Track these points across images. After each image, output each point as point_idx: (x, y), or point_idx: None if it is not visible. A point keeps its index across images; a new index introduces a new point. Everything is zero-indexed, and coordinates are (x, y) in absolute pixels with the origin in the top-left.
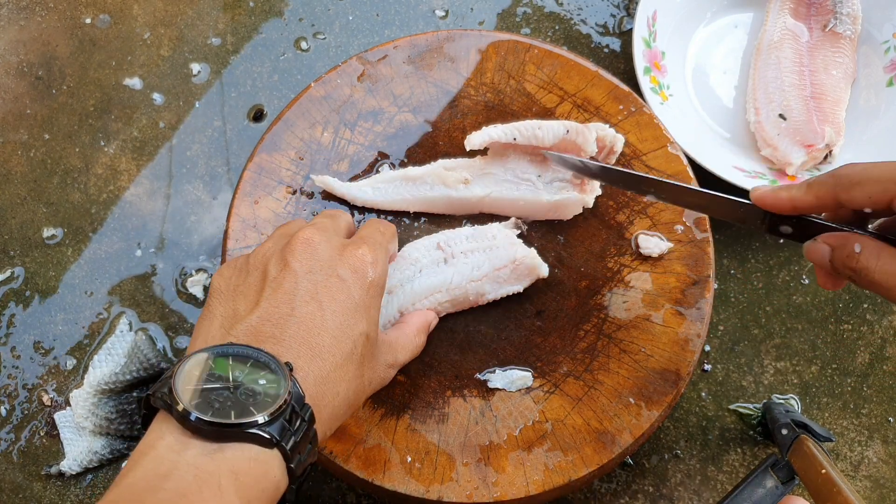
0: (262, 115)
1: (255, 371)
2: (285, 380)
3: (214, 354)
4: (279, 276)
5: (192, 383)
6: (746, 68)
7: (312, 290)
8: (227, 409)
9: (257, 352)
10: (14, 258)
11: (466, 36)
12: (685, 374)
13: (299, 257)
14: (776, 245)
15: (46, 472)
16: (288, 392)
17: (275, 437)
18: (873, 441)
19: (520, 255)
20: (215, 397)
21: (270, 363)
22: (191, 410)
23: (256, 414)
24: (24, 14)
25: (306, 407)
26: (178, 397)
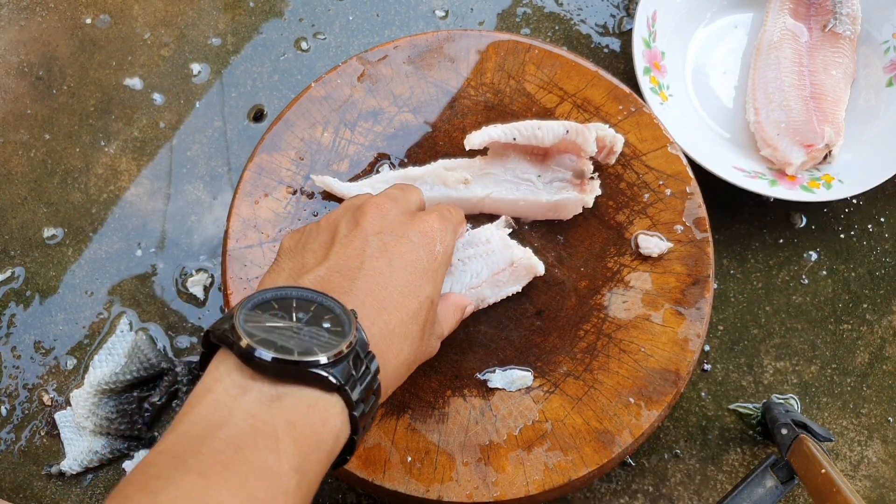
0: (262, 115)
1: (319, 315)
2: (350, 324)
3: (279, 296)
4: (350, 234)
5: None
6: (746, 68)
7: (382, 247)
8: (290, 347)
9: (323, 296)
10: (14, 258)
11: (466, 36)
12: (685, 374)
13: (370, 219)
14: (776, 245)
15: (47, 472)
16: (353, 336)
17: (339, 380)
18: (873, 441)
19: (517, 256)
20: (278, 335)
21: (335, 308)
22: (254, 346)
23: (320, 354)
24: (25, 14)
25: (371, 354)
26: (241, 333)
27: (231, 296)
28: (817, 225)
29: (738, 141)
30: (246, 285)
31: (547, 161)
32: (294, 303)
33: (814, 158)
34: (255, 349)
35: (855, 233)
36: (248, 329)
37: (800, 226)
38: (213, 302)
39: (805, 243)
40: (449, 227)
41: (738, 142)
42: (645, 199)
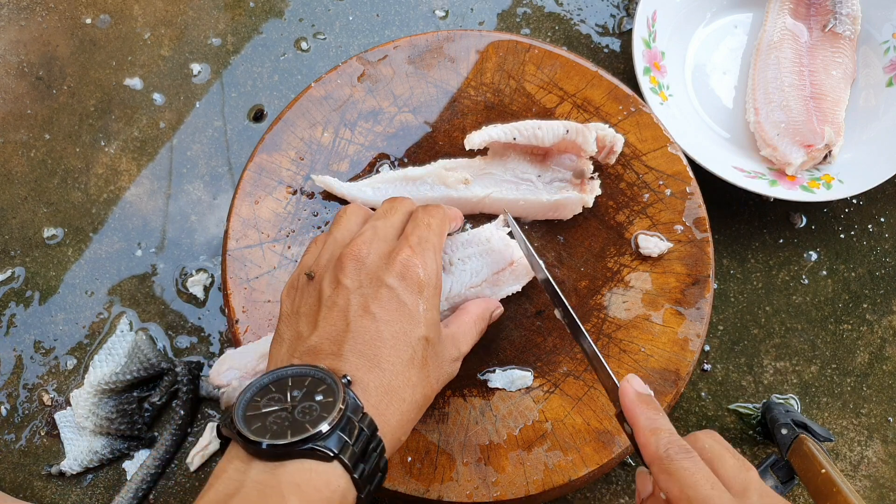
0: (262, 115)
1: (313, 388)
2: (339, 392)
3: (273, 378)
4: (333, 295)
5: (253, 409)
6: (746, 68)
7: (364, 303)
8: (284, 429)
9: (314, 369)
10: (15, 258)
11: (466, 36)
12: (685, 374)
13: (349, 273)
14: (776, 245)
15: (47, 472)
16: (342, 404)
17: (331, 451)
18: (873, 441)
19: (517, 255)
20: (273, 420)
21: (326, 378)
22: (249, 436)
23: (311, 429)
24: (25, 14)
25: (365, 416)
26: (238, 425)
27: (231, 295)
28: (817, 225)
29: (738, 141)
30: (246, 285)
31: (547, 161)
32: (290, 381)
33: (814, 158)
34: (249, 438)
35: (855, 233)
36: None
37: (800, 226)
38: (213, 302)
39: (805, 243)
40: (427, 249)
41: (738, 142)
42: (645, 199)
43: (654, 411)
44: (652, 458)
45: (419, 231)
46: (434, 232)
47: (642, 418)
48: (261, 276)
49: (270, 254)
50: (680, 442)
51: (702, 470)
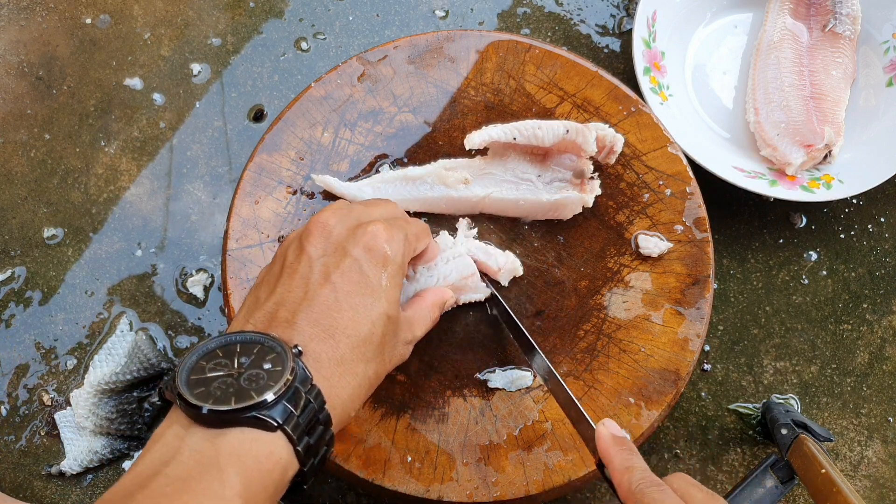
0: (262, 115)
1: (262, 356)
2: (288, 361)
3: (221, 343)
4: (294, 262)
5: (198, 373)
6: (746, 68)
7: (324, 272)
8: (228, 395)
9: (264, 337)
10: (15, 258)
11: (466, 36)
12: (685, 374)
13: (314, 241)
14: (776, 245)
15: (47, 472)
16: (290, 373)
17: (275, 420)
18: (873, 441)
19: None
20: (217, 385)
21: (276, 346)
22: (190, 400)
23: (257, 397)
24: (25, 14)
25: (314, 388)
26: (180, 387)
27: (231, 295)
28: (817, 225)
29: (738, 141)
30: (246, 285)
31: (547, 161)
32: (238, 347)
33: (814, 158)
34: (190, 402)
35: (855, 233)
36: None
37: (800, 226)
38: (213, 302)
39: (805, 243)
40: (397, 233)
41: (738, 142)
42: (645, 199)
43: (628, 452)
44: (625, 495)
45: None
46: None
47: (617, 459)
48: None
49: (270, 254)
50: (652, 478)
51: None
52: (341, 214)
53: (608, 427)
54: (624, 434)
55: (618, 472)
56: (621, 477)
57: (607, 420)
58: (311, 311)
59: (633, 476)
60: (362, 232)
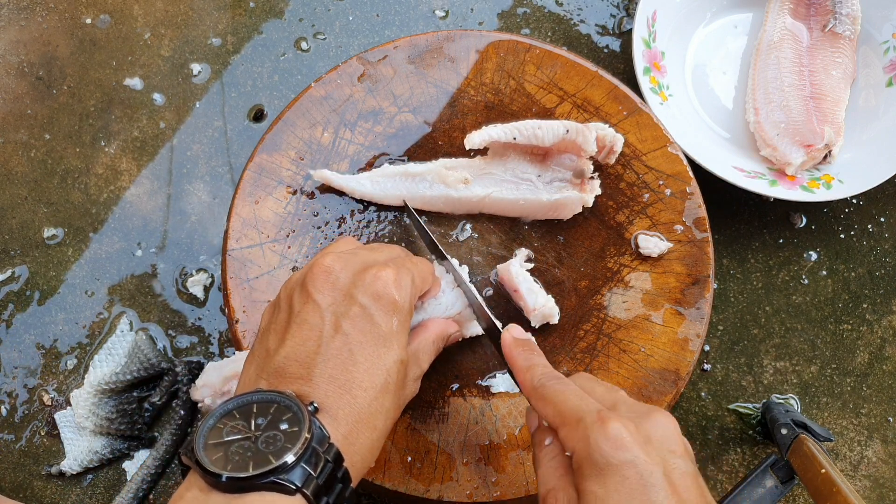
0: (262, 115)
1: (278, 416)
2: (305, 421)
3: (238, 404)
4: (303, 311)
5: (215, 437)
6: (746, 68)
7: (335, 323)
8: (246, 460)
9: (280, 396)
10: (15, 258)
11: (466, 36)
12: (685, 374)
13: (320, 287)
14: (776, 245)
15: (47, 472)
16: (308, 435)
17: (294, 484)
18: (873, 441)
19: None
20: (235, 450)
21: (292, 406)
22: (209, 467)
23: (275, 461)
24: (25, 14)
25: (332, 447)
26: (198, 454)
27: (231, 295)
28: (817, 225)
29: (738, 141)
30: (246, 285)
31: (547, 161)
32: (255, 408)
33: (813, 158)
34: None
35: (855, 233)
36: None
37: (800, 226)
38: (214, 302)
39: (805, 243)
40: (405, 277)
41: (738, 142)
42: (645, 199)
43: (529, 352)
44: (529, 392)
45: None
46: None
47: (519, 359)
48: (261, 276)
49: (270, 254)
50: (553, 372)
51: (571, 387)
52: (345, 259)
53: (511, 331)
54: (527, 336)
55: (520, 372)
56: (524, 376)
57: (511, 325)
58: (326, 366)
59: (534, 373)
60: (371, 278)
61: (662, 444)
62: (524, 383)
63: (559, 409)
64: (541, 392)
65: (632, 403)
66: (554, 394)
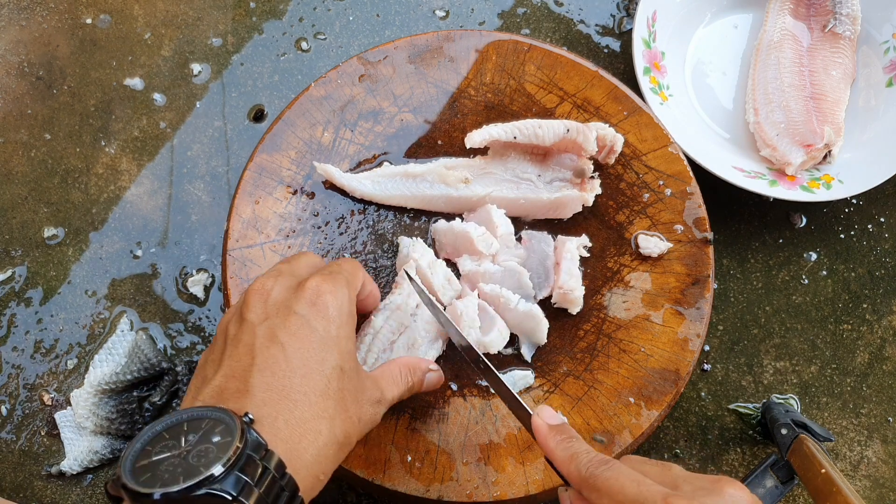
0: (262, 115)
1: (210, 430)
2: (236, 430)
3: (167, 425)
4: (238, 333)
5: (143, 459)
6: (746, 69)
7: (269, 335)
8: (176, 476)
9: (212, 410)
10: (15, 258)
11: (466, 36)
12: (685, 374)
13: (253, 308)
14: (776, 245)
15: (47, 472)
16: (239, 441)
17: (229, 493)
18: (873, 441)
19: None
20: (165, 468)
21: (224, 418)
22: (137, 489)
23: (205, 472)
24: (25, 14)
25: (271, 454)
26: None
27: (231, 295)
28: (817, 225)
29: (738, 141)
30: (246, 285)
31: (547, 161)
32: (185, 426)
33: (813, 158)
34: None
35: (855, 233)
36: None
37: (800, 226)
38: (214, 302)
39: (805, 243)
40: (339, 283)
41: (738, 142)
42: (645, 199)
43: (567, 440)
44: (578, 484)
45: (330, 266)
46: (346, 269)
47: (558, 450)
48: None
49: (271, 254)
50: (599, 457)
51: (626, 472)
52: (274, 277)
53: (543, 417)
54: (560, 419)
55: (563, 465)
56: (568, 468)
57: (542, 407)
58: (262, 376)
59: (579, 462)
60: (303, 289)
61: None
62: (570, 476)
63: (616, 498)
64: (592, 483)
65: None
66: (607, 482)
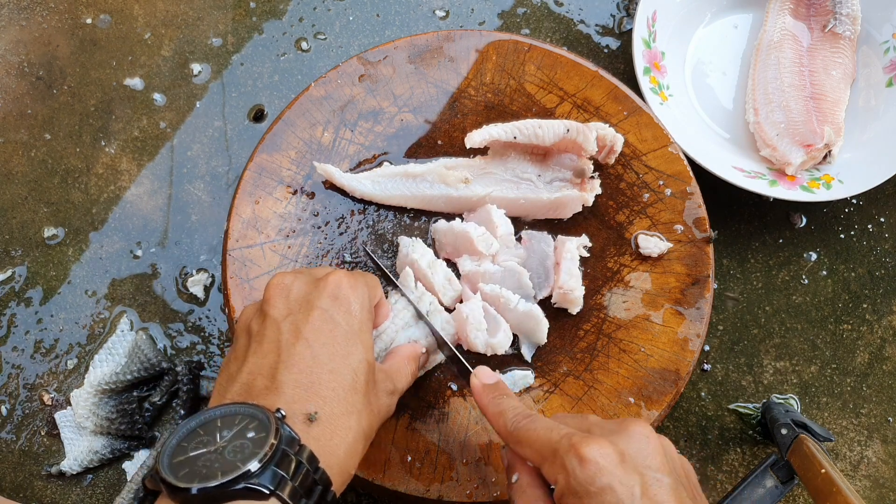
0: (262, 115)
1: (245, 426)
2: (271, 426)
3: (201, 421)
4: (261, 330)
5: (180, 455)
6: (746, 69)
7: (294, 330)
8: (214, 471)
9: (244, 406)
10: (15, 258)
11: (466, 36)
12: (685, 374)
13: (274, 303)
14: (776, 245)
15: (47, 472)
16: (275, 437)
17: (267, 488)
18: (873, 441)
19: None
20: (202, 463)
21: (257, 413)
22: (177, 483)
23: (242, 467)
24: (25, 14)
25: (304, 448)
26: (163, 473)
27: (231, 295)
28: (817, 225)
29: (738, 141)
30: (246, 285)
31: (547, 161)
32: (219, 422)
33: (813, 158)
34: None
35: (855, 233)
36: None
37: (800, 226)
38: (214, 301)
39: (805, 243)
40: (359, 280)
41: (738, 142)
42: (645, 199)
43: (498, 396)
44: (506, 438)
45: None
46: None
47: (490, 407)
48: (261, 276)
49: (271, 254)
50: (524, 411)
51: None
52: (295, 275)
53: (480, 377)
54: (496, 378)
55: (494, 421)
56: (497, 423)
57: (479, 368)
58: (290, 372)
59: (506, 417)
60: (324, 283)
61: (638, 459)
62: (499, 430)
63: (534, 446)
64: (515, 435)
65: (603, 423)
66: (527, 432)
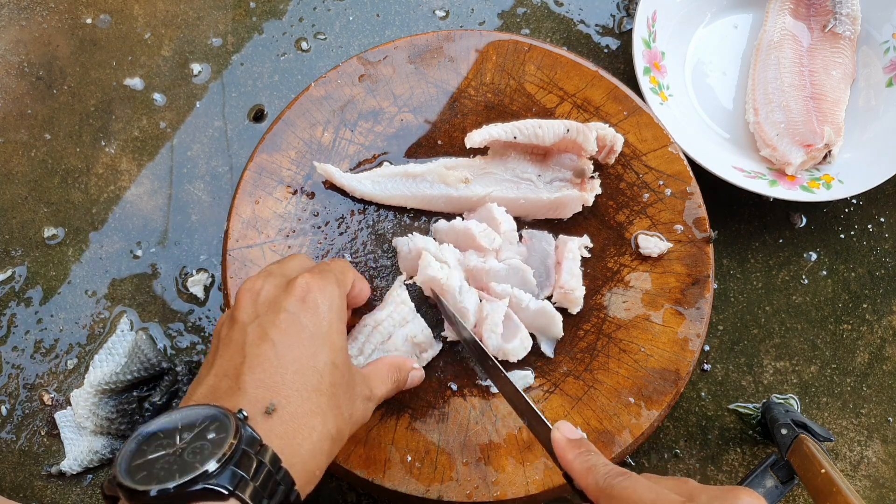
0: (262, 115)
1: (205, 428)
2: (231, 426)
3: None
4: (229, 333)
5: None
6: (746, 69)
7: (260, 332)
8: (172, 473)
9: (204, 408)
10: (15, 258)
11: (466, 36)
12: (685, 374)
13: (244, 307)
14: (776, 245)
15: (47, 472)
16: (234, 437)
17: (225, 488)
18: (873, 441)
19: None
20: (161, 466)
21: (218, 415)
22: (135, 487)
23: (200, 468)
24: (25, 14)
25: (265, 448)
26: (120, 477)
27: (231, 295)
28: (817, 225)
29: (738, 141)
30: None
31: (547, 161)
32: (179, 424)
33: (813, 158)
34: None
35: (855, 233)
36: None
37: (800, 226)
38: (214, 301)
39: (805, 243)
40: (328, 280)
41: (738, 142)
42: (645, 199)
43: (586, 454)
44: (596, 495)
45: (319, 266)
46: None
47: (576, 463)
48: None
49: (271, 254)
50: (616, 469)
51: (642, 482)
52: (264, 277)
53: (563, 431)
54: (579, 434)
55: (581, 477)
56: (585, 480)
57: (561, 423)
58: (254, 373)
59: (597, 474)
60: (293, 286)
61: None
62: (588, 488)
63: None
64: (609, 493)
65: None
66: (625, 492)
